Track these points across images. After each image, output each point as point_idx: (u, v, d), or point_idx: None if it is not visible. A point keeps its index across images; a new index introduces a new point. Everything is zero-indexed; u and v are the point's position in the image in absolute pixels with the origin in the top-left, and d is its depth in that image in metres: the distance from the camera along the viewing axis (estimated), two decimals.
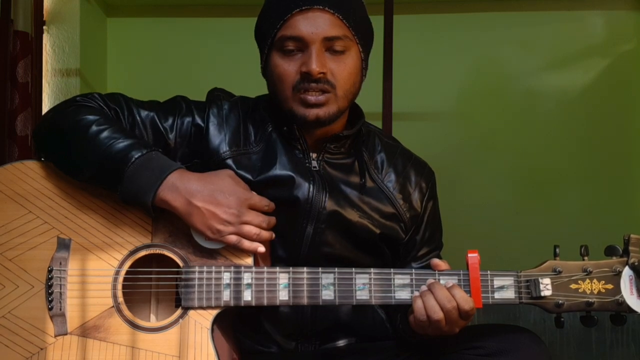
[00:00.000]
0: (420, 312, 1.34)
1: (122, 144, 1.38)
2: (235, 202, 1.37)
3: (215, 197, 1.36)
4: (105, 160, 1.37)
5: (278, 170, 1.49)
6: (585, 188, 3.38)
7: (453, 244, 1.73)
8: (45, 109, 3.09)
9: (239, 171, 1.48)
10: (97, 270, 1.40)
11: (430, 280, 1.37)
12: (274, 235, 1.43)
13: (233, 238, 1.37)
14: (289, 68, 1.45)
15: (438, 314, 1.32)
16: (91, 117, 1.42)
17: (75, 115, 1.43)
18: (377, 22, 2.61)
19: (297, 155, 1.53)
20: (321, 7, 1.43)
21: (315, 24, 1.43)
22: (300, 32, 1.43)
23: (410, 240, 1.60)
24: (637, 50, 3.37)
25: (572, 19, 3.39)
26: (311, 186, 1.49)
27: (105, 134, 1.39)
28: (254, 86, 1.66)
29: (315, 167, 1.53)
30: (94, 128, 1.40)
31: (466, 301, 1.33)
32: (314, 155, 1.54)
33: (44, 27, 3.12)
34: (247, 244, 1.38)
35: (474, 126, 3.41)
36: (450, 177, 3.08)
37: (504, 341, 1.36)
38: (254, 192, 1.42)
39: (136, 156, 1.36)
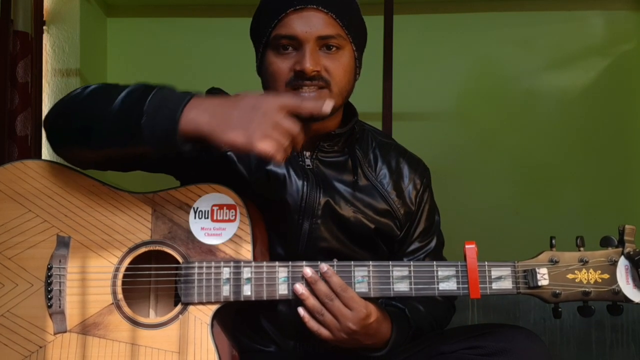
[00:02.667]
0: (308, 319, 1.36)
1: (138, 86, 1.34)
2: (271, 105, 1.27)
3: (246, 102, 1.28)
4: (125, 99, 1.32)
5: (272, 169, 1.50)
6: (585, 188, 3.38)
7: (452, 243, 1.73)
8: (45, 109, 3.09)
9: (238, 164, 1.50)
10: (97, 268, 1.40)
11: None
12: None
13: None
14: (282, 66, 1.47)
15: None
16: (102, 84, 1.41)
17: (84, 88, 1.41)
18: (377, 22, 2.65)
19: (291, 153, 1.53)
20: (315, 6, 1.45)
21: (309, 23, 1.45)
22: (295, 31, 1.45)
23: (404, 236, 1.61)
24: (637, 50, 3.37)
25: (572, 19, 3.39)
26: (305, 184, 1.50)
27: (118, 90, 1.35)
28: (254, 86, 1.66)
29: (308, 165, 1.54)
30: (108, 87, 1.38)
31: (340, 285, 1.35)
32: (307, 154, 1.55)
33: (44, 27, 3.12)
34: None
35: (474, 126, 3.40)
36: (450, 177, 3.09)
37: (504, 340, 1.36)
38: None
39: (156, 89, 1.32)
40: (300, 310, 1.37)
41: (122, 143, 1.32)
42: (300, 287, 1.36)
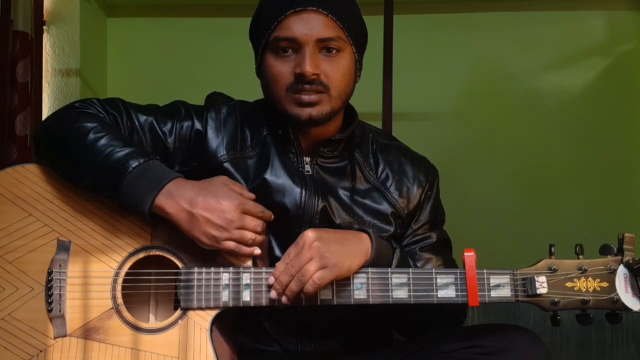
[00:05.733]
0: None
1: (120, 153, 1.38)
2: (229, 208, 1.37)
3: (209, 203, 1.36)
4: (103, 169, 1.38)
5: (270, 177, 1.50)
6: (585, 188, 3.39)
7: (452, 243, 1.73)
8: (45, 109, 3.09)
9: (236, 175, 1.50)
10: (97, 272, 1.41)
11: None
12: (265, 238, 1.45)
13: (230, 244, 1.37)
14: (282, 69, 1.46)
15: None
16: (89, 125, 1.42)
17: (73, 122, 1.44)
18: (377, 22, 2.65)
19: (290, 159, 1.53)
20: (315, 8, 1.44)
21: (308, 25, 1.43)
22: (294, 34, 1.43)
23: (404, 231, 1.60)
24: (637, 50, 3.37)
25: (572, 19, 3.39)
26: (303, 191, 1.50)
27: (102, 141, 1.40)
28: (255, 86, 1.66)
29: (308, 171, 1.54)
30: (92, 136, 1.41)
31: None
32: (307, 159, 1.55)
33: (44, 27, 3.12)
34: (244, 248, 1.38)
35: (474, 126, 3.40)
36: (450, 177, 3.05)
37: (504, 340, 1.36)
38: (250, 196, 1.43)
39: (133, 165, 1.37)
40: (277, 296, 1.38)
41: (100, 195, 1.43)
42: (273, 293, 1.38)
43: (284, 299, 1.36)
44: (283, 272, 1.35)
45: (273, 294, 1.37)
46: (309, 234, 1.36)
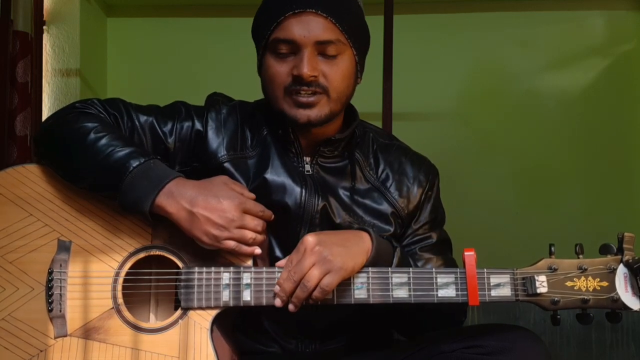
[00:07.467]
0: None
1: (120, 152, 1.39)
2: (229, 207, 1.37)
3: (210, 203, 1.36)
4: (104, 169, 1.38)
5: (270, 176, 1.50)
6: (585, 188, 3.39)
7: (452, 243, 1.73)
8: (45, 109, 3.10)
9: (236, 175, 1.50)
10: (97, 272, 1.41)
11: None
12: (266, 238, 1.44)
13: (231, 243, 1.37)
14: (280, 70, 1.46)
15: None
16: (89, 125, 1.43)
17: (73, 122, 1.45)
18: (377, 22, 2.65)
19: (291, 159, 1.54)
20: (314, 10, 1.43)
21: (307, 28, 1.43)
22: (293, 35, 1.43)
23: (404, 231, 1.60)
24: (637, 50, 3.37)
25: (572, 19, 3.39)
26: (303, 191, 1.50)
27: (103, 141, 1.40)
28: (255, 86, 1.66)
29: (308, 171, 1.54)
30: (92, 136, 1.41)
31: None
32: (307, 159, 1.55)
33: (44, 27, 3.13)
34: (244, 248, 1.38)
35: (474, 126, 3.41)
36: (450, 177, 3.05)
37: (504, 340, 1.36)
38: (251, 196, 1.43)
39: (134, 165, 1.37)
40: (291, 306, 1.37)
41: (101, 195, 1.44)
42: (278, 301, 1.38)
43: (290, 306, 1.36)
44: (287, 279, 1.35)
45: (278, 302, 1.37)
46: (309, 239, 1.36)
